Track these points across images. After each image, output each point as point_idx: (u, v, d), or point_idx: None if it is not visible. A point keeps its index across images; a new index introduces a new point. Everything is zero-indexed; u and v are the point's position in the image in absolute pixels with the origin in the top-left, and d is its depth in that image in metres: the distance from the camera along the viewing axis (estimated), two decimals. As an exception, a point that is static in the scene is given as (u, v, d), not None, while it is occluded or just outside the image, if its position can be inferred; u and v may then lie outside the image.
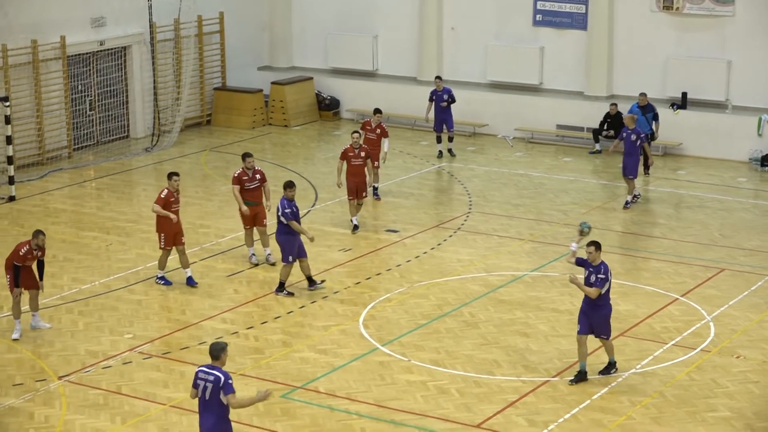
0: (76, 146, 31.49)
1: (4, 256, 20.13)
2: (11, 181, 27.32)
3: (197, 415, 13.88)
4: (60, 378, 17.77)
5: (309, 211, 26.19)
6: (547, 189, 28.09)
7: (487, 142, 32.77)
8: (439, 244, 23.93)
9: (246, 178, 22.36)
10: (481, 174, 29.44)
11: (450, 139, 31.22)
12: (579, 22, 32.74)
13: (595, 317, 17.19)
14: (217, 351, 13.74)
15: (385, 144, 27.09)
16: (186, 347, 18.81)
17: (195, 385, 13.75)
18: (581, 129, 32.18)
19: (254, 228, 22.64)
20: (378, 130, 27.01)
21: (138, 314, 20.33)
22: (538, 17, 33.22)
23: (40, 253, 19.26)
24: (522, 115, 32.96)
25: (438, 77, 31.57)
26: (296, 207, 21.03)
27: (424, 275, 22.14)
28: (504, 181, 28.83)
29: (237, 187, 22.41)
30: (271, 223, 22.51)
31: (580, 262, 17.31)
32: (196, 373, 13.72)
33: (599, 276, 17.01)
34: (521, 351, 18.72)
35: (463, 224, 25.24)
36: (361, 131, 25.56)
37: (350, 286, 21.62)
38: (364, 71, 35.77)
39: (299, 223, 21.00)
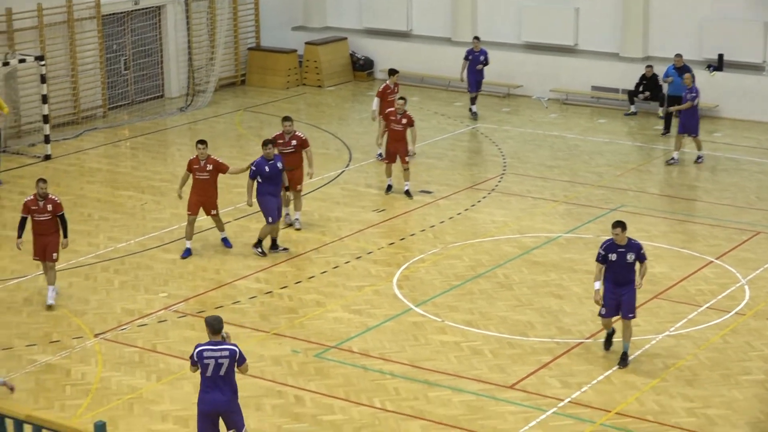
0: (111, 106, 31.58)
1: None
2: (47, 140, 27.45)
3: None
4: (96, 335, 17.91)
5: (343, 171, 26.19)
6: (582, 151, 27.97)
7: (522, 103, 32.64)
8: (473, 205, 23.89)
9: (282, 141, 22.10)
10: (516, 135, 29.34)
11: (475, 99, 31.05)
12: (615, -18, 32.49)
13: (626, 295, 16.65)
14: (220, 323, 13.30)
15: None
16: (220, 306, 18.90)
17: (195, 363, 13.25)
18: (616, 90, 31.97)
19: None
20: (396, 89, 26.81)
21: (172, 273, 20.43)
22: (574, -23, 33.00)
23: (50, 206, 18.67)
24: (557, 76, 32.77)
25: (476, 37, 31.41)
26: (271, 167, 20.78)
27: (457, 236, 22.13)
28: (538, 142, 28.72)
29: (271, 149, 22.35)
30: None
31: (603, 259, 16.77)
32: (200, 352, 13.20)
33: (642, 252, 16.80)
34: (555, 313, 18.71)
35: (497, 185, 25.18)
36: (401, 98, 24.70)
37: (384, 246, 21.64)
38: (399, 31, 35.63)
39: (276, 186, 20.93)
